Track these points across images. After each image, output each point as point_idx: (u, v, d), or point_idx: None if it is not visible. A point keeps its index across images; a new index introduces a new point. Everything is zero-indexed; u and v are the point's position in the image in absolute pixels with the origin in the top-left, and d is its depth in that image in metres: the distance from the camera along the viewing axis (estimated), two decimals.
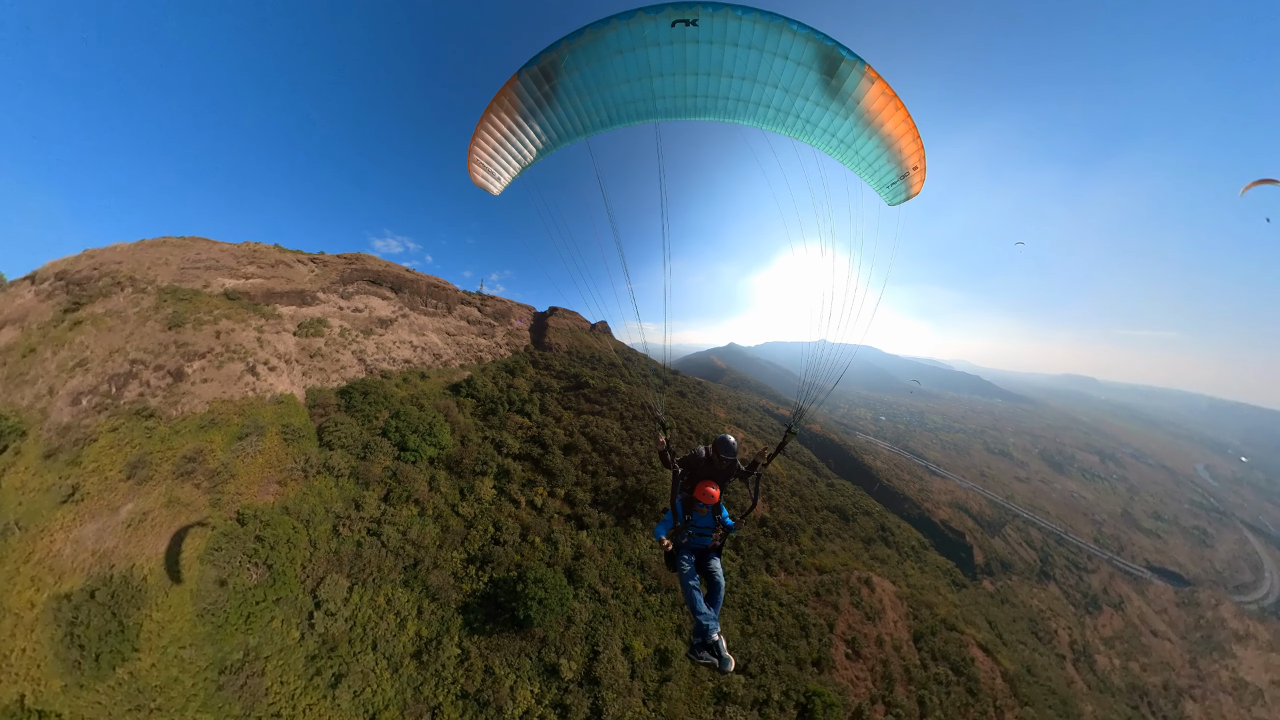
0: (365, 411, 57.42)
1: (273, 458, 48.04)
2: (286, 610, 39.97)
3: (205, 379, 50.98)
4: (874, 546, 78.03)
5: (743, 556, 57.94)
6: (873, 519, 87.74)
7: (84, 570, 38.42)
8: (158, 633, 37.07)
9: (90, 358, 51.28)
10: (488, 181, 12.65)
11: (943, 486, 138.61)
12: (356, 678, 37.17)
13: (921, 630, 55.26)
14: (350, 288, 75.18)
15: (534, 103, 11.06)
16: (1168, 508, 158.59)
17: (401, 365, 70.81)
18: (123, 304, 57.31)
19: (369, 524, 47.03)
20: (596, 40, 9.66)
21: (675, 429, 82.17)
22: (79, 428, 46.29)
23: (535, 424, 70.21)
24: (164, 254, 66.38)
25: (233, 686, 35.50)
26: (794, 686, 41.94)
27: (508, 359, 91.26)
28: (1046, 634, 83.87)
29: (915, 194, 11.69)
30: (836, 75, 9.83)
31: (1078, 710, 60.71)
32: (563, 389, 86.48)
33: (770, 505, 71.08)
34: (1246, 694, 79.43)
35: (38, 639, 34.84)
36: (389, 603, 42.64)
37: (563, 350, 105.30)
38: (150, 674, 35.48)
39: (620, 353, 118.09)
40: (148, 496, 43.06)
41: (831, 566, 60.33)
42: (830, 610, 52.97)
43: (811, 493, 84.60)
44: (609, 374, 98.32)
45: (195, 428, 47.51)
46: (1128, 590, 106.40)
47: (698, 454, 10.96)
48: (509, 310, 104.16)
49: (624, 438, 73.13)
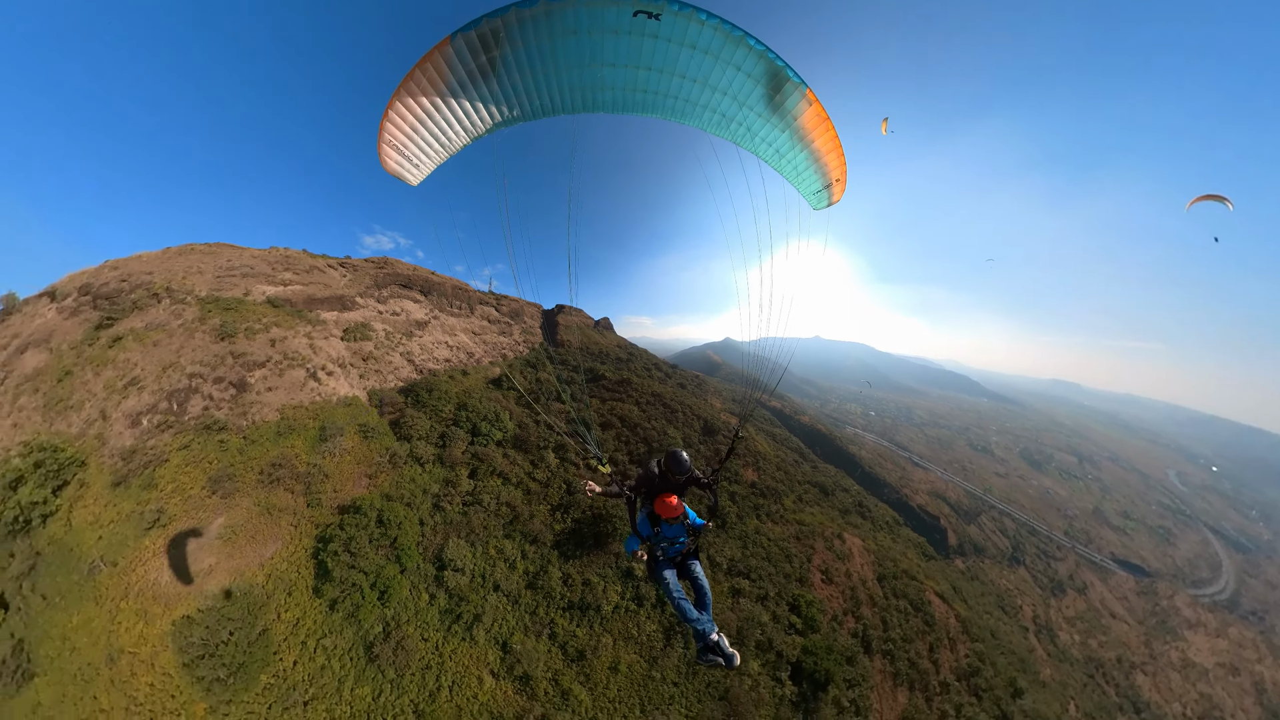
0: (432, 406, 55.49)
1: (358, 454, 44.94)
2: (413, 579, 39.86)
3: (270, 387, 46.54)
4: (850, 516, 79.47)
5: (737, 505, 61.93)
6: (851, 495, 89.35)
7: (192, 593, 34.55)
8: (292, 631, 34.22)
9: (142, 375, 45.61)
10: (403, 168, 10.20)
11: (924, 477, 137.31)
12: (487, 617, 39.20)
13: (884, 574, 58.63)
14: (384, 291, 70.51)
15: (465, 75, 9.12)
16: (1137, 508, 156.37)
17: (443, 364, 67.34)
18: (164, 317, 51.17)
19: (465, 497, 47.05)
20: (551, 15, 8.35)
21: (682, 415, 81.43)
22: (145, 450, 41.22)
23: (575, 408, 69.76)
24: (193, 262, 59.70)
25: (383, 656, 34.51)
26: (784, 590, 49.16)
27: (527, 355, 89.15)
28: (1012, 609, 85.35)
29: (835, 201, 12.04)
30: (781, 93, 9.74)
31: (1035, 670, 64.98)
32: (583, 381, 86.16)
33: (759, 473, 73.04)
34: (1193, 672, 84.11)
35: (163, 671, 31.42)
36: (499, 552, 44.05)
37: (574, 346, 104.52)
38: (296, 671, 32.83)
39: (623, 348, 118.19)
40: (238, 508, 39.13)
41: (809, 522, 63.50)
42: (808, 549, 57.06)
43: (796, 471, 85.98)
44: (618, 368, 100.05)
45: (272, 435, 43.42)
46: (1092, 578, 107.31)
47: (650, 472, 10.06)
48: (521, 309, 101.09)
49: (643, 418, 75.85)
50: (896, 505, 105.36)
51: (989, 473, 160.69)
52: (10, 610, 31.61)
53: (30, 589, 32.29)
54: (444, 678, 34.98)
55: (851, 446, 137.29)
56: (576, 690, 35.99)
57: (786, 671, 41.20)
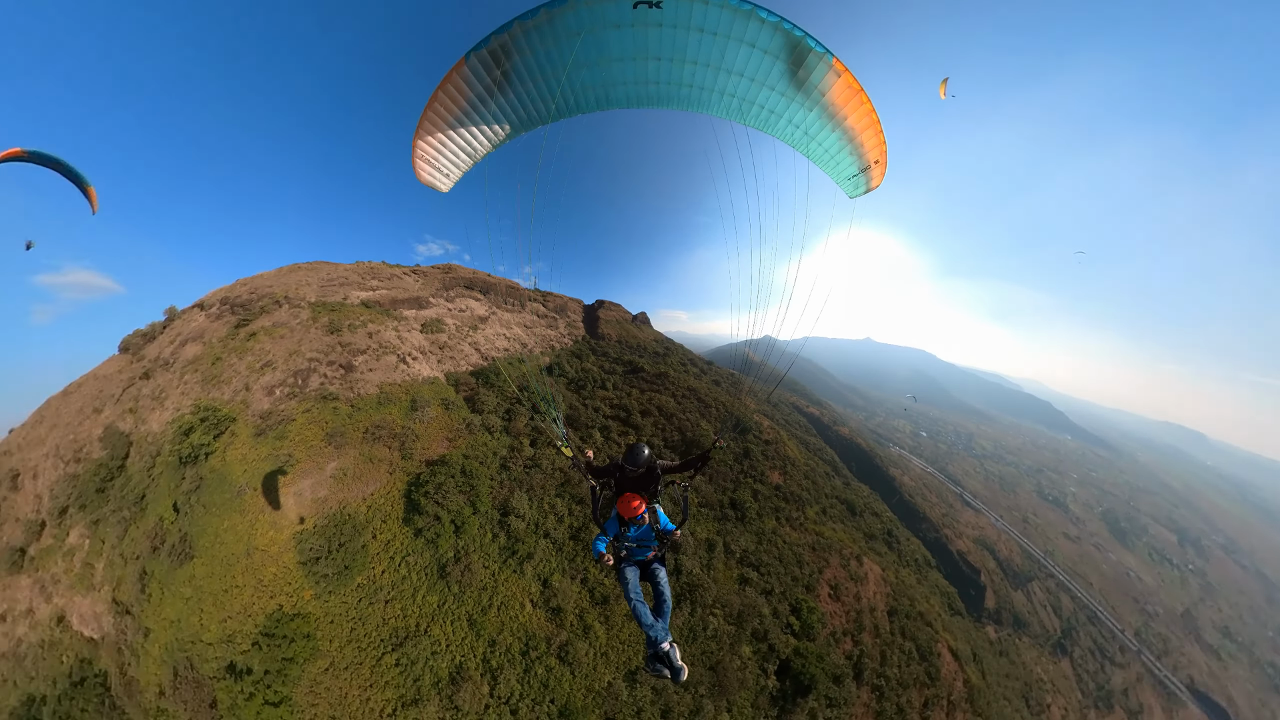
0: (500, 387, 63.29)
1: (441, 422, 52.84)
2: (483, 520, 46.45)
3: (370, 369, 55.64)
4: (874, 543, 71.33)
5: (759, 503, 61.28)
6: (881, 522, 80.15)
7: (311, 513, 42.62)
8: (383, 548, 41.43)
9: (273, 359, 55.88)
10: (435, 179, 10.91)
11: (972, 520, 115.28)
12: (536, 557, 44.87)
13: (897, 610, 53.39)
14: (451, 292, 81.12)
15: (484, 90, 9.55)
16: (1246, 627, 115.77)
17: (502, 352, 76.25)
18: (285, 318, 62.14)
19: (526, 461, 53.54)
20: (553, 20, 8.41)
21: (715, 411, 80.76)
22: (278, 412, 50.65)
23: (615, 396, 75.01)
24: (301, 277, 71.59)
25: (452, 575, 41.39)
26: (789, 591, 48.95)
27: (571, 347, 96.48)
28: (1038, 706, 70.49)
29: (875, 187, 10.77)
30: (804, 66, 8.83)
31: None
32: (624, 373, 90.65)
33: (785, 477, 70.29)
34: None
35: (285, 565, 39.25)
36: (551, 508, 49.92)
37: (613, 339, 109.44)
38: (383, 577, 39.89)
39: (660, 342, 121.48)
40: (347, 456, 47.41)
41: (830, 537, 59.97)
42: (822, 560, 54.76)
43: (825, 484, 79.97)
44: (655, 362, 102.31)
45: (374, 404, 52.08)
46: (1153, 702, 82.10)
47: (616, 462, 9.74)
48: (565, 305, 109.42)
49: (679, 409, 78.41)
50: (933, 545, 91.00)
51: (1056, 532, 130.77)
52: (180, 513, 40.93)
53: (195, 501, 41.57)
54: (495, 598, 41.26)
55: (893, 469, 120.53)
56: (597, 627, 41.13)
57: (774, 666, 42.06)
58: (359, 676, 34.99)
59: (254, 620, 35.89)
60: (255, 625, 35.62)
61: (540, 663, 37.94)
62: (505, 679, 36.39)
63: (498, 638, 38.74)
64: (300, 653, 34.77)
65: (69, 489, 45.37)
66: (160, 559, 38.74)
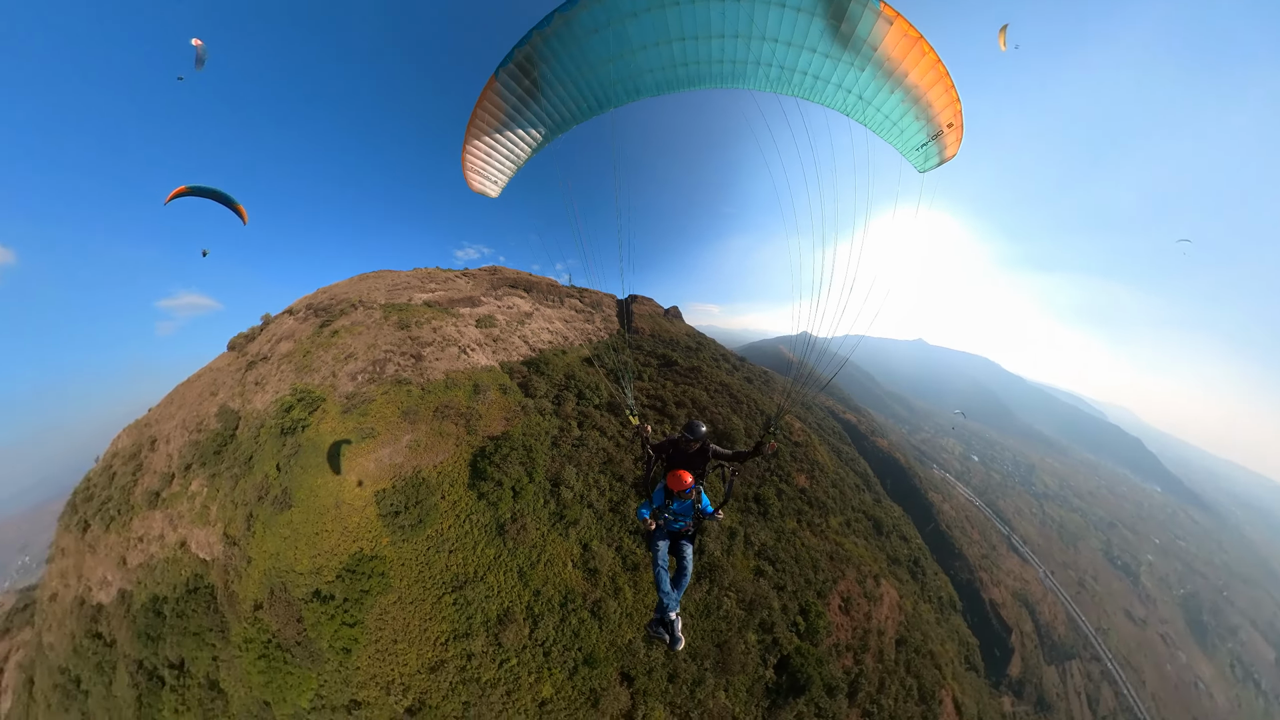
0: (549, 375, 68.61)
1: (499, 404, 58.42)
2: (537, 488, 50.91)
3: (436, 359, 61.96)
4: (897, 569, 65.71)
5: (781, 502, 60.88)
6: (909, 548, 73.58)
7: (389, 475, 48.23)
8: (450, 508, 46.51)
9: (355, 352, 63.12)
10: (485, 186, 11.48)
11: (1015, 569, 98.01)
12: (580, 524, 48.94)
13: (906, 641, 50.80)
14: (499, 291, 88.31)
15: (518, 100, 9.82)
16: None
17: (548, 345, 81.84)
18: (361, 318, 69.87)
19: (574, 440, 58.09)
20: (569, 22, 8.38)
21: (747, 407, 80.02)
22: (360, 394, 57.29)
23: (652, 387, 78.32)
24: (370, 284, 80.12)
25: (508, 533, 45.99)
26: (801, 591, 49.26)
27: (608, 340, 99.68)
28: None
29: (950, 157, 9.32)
30: (846, 18, 7.74)
31: None
32: (658, 365, 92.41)
33: (811, 482, 68.81)
34: None
35: (367, 516, 44.89)
36: (595, 482, 53.90)
37: (647, 334, 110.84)
38: (449, 531, 44.78)
39: (692, 336, 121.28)
40: (420, 430, 53.19)
41: (849, 550, 57.35)
42: (839, 570, 53.20)
43: (854, 496, 75.49)
44: (687, 356, 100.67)
45: (441, 388, 58.10)
46: None
47: (672, 439, 10.08)
48: (600, 300, 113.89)
49: (711, 403, 79.30)
50: (963, 587, 79.48)
51: (1117, 606, 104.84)
52: (282, 471, 47.62)
53: (295, 462, 48.17)
54: (542, 555, 45.51)
55: (932, 493, 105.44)
56: (626, 590, 44.62)
57: (775, 659, 42.72)
58: (421, 610, 39.97)
59: (338, 558, 41.73)
60: (339, 562, 41.47)
61: (575, 614, 41.67)
62: (544, 625, 40.40)
63: (542, 589, 42.82)
64: (374, 587, 40.26)
65: (192, 451, 53.65)
66: (264, 506, 45.48)
